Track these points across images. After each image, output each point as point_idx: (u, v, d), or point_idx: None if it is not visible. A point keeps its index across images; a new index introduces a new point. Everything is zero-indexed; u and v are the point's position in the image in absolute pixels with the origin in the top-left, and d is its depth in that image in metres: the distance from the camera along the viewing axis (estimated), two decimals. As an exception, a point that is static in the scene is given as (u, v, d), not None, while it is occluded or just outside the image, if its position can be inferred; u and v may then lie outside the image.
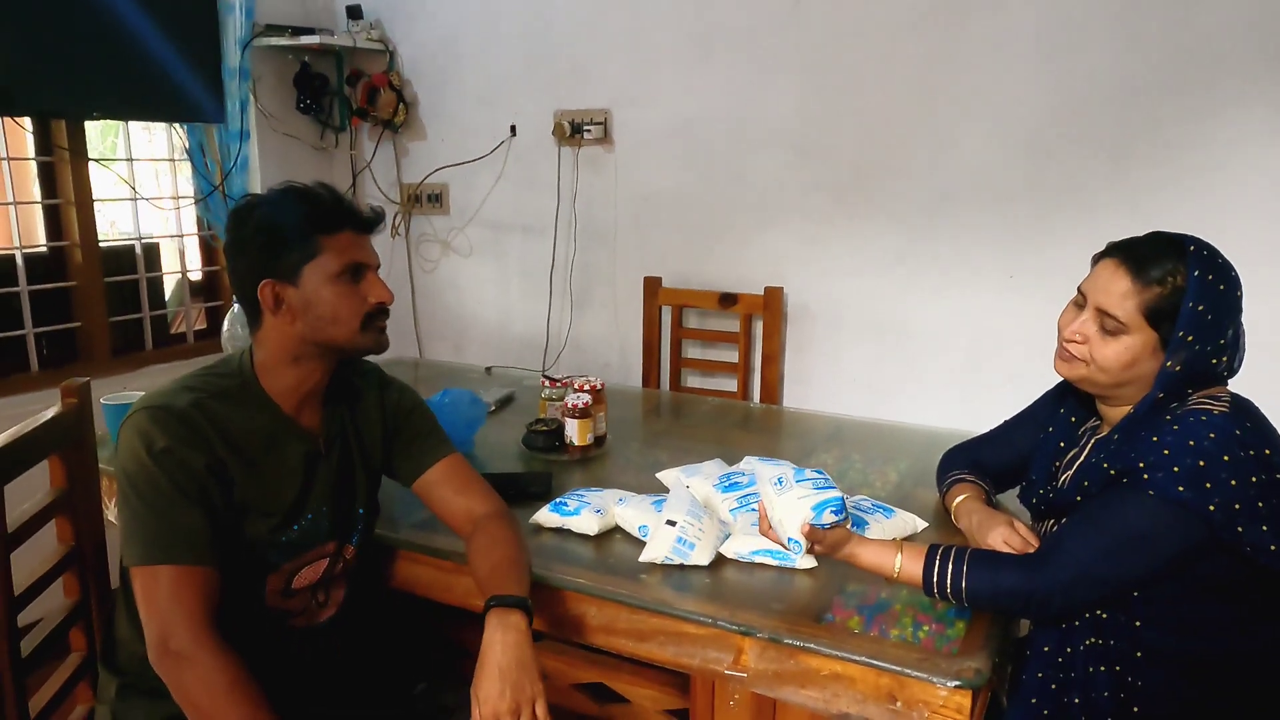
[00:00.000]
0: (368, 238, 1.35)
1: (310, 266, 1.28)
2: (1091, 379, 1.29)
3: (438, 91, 3.24)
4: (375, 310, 1.33)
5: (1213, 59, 2.16)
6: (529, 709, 1.17)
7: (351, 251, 1.30)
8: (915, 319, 2.63)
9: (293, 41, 3.05)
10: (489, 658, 1.18)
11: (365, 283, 1.33)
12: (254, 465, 1.28)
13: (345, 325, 1.31)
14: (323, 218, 1.29)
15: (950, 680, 1.14)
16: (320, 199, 1.31)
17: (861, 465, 1.89)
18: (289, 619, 1.37)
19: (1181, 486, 1.14)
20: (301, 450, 1.34)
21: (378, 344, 1.36)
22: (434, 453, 1.49)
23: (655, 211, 2.95)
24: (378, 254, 1.37)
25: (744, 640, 1.26)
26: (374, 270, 1.35)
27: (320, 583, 1.40)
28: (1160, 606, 1.22)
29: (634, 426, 2.26)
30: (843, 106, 2.60)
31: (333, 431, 1.40)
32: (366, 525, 1.47)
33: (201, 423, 1.24)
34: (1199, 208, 2.22)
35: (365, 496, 1.45)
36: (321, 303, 1.29)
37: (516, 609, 1.24)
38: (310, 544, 1.36)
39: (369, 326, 1.33)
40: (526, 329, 3.27)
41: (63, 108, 2.60)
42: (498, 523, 1.42)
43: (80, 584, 1.45)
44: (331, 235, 1.29)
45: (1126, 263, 1.24)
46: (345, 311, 1.30)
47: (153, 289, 3.04)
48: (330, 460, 1.38)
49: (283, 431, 1.32)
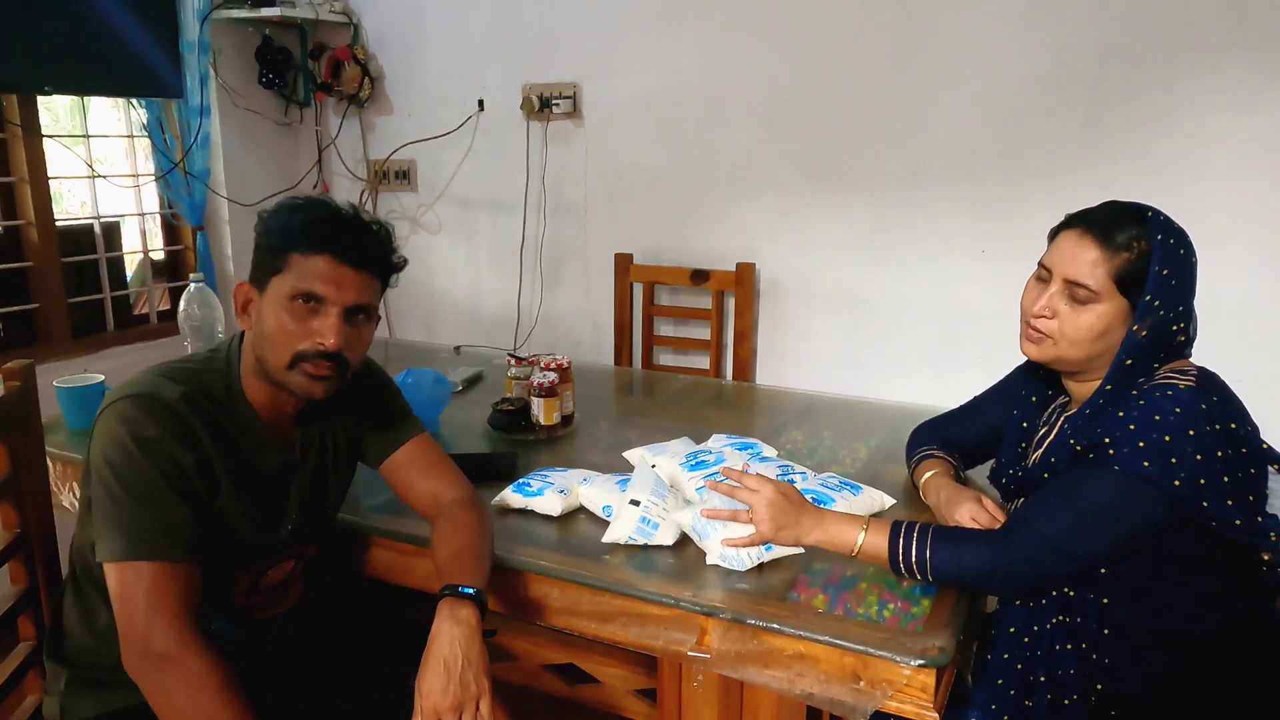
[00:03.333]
0: (355, 273, 1.22)
1: (274, 280, 1.21)
2: (1062, 357, 1.27)
3: (404, 65, 3.18)
4: (313, 351, 1.21)
5: (1184, 27, 2.14)
6: (472, 707, 1.12)
7: (312, 280, 1.19)
8: (888, 293, 2.61)
9: (253, 14, 2.97)
10: (434, 651, 1.14)
11: (318, 318, 1.21)
12: (237, 470, 1.23)
13: (276, 354, 1.21)
14: (301, 232, 1.20)
15: (914, 659, 1.12)
16: (311, 213, 1.22)
17: (831, 442, 1.87)
18: (251, 612, 1.34)
19: (1146, 462, 1.13)
20: (279, 460, 1.30)
21: (305, 390, 1.23)
22: (401, 435, 1.44)
23: (626, 187, 2.91)
24: (366, 295, 1.24)
25: (707, 621, 1.24)
26: (337, 308, 1.21)
27: (285, 581, 1.38)
28: (1128, 583, 1.21)
29: (604, 405, 2.23)
30: (814, 77, 2.57)
31: (310, 437, 1.35)
32: (332, 524, 1.45)
33: (191, 418, 1.18)
34: (1171, 177, 2.21)
35: (337, 497, 1.42)
36: (267, 321, 1.21)
37: (469, 602, 1.19)
38: (283, 551, 1.34)
39: (297, 366, 1.21)
40: (497, 307, 3.23)
41: (14, 81, 2.52)
42: (464, 509, 1.37)
43: (28, 571, 1.41)
44: (305, 255, 1.19)
45: (1091, 231, 1.23)
46: (280, 339, 1.20)
47: (114, 269, 2.97)
48: (306, 468, 1.34)
49: (263, 439, 1.27)
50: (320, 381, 1.23)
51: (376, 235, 1.27)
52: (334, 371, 1.23)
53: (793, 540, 1.30)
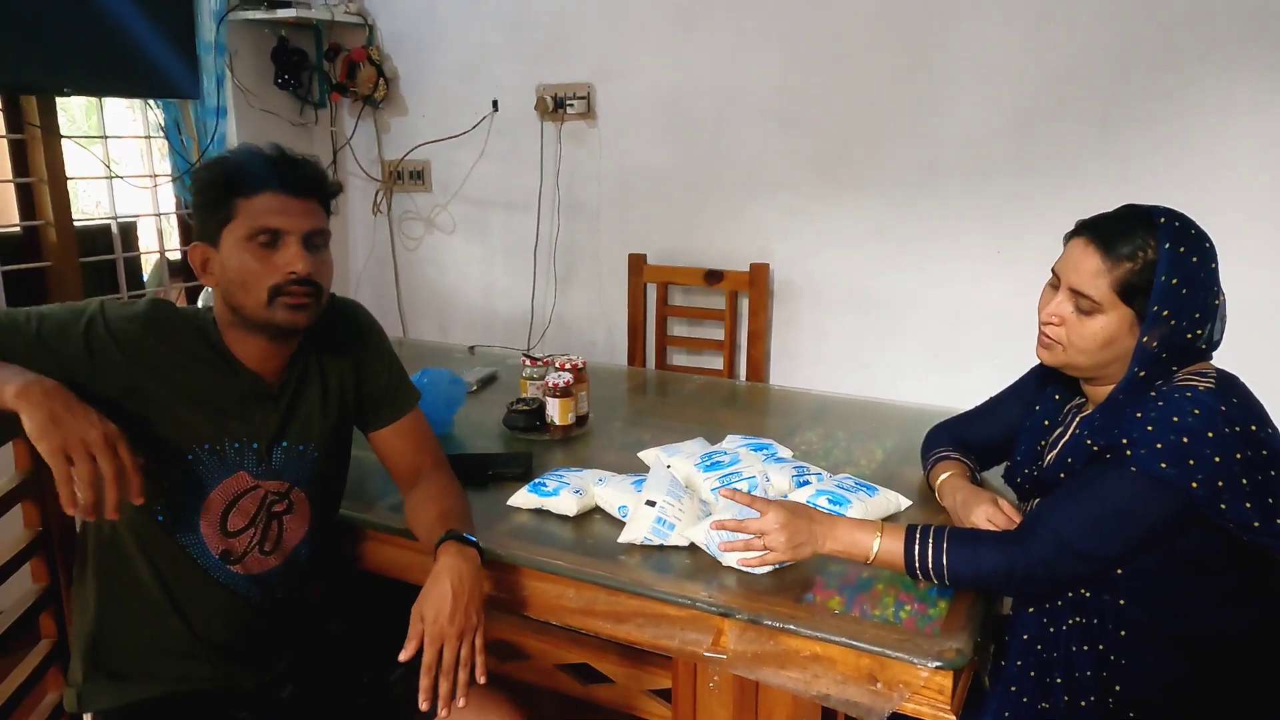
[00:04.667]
0: (299, 202, 1.25)
1: (227, 230, 1.24)
2: (1072, 363, 1.27)
3: (418, 66, 3.19)
4: (285, 281, 1.24)
5: (1200, 27, 2.13)
6: (470, 636, 1.20)
7: (265, 216, 1.23)
8: (902, 293, 2.60)
9: (269, 15, 2.98)
10: (442, 580, 1.21)
11: (280, 251, 1.24)
12: (178, 373, 1.25)
13: (253, 296, 1.24)
14: (239, 178, 1.23)
15: (931, 661, 1.12)
16: (241, 158, 1.25)
17: (846, 442, 1.87)
18: (230, 559, 1.31)
19: (1164, 463, 1.12)
20: (239, 387, 1.30)
21: (290, 321, 1.25)
22: (400, 408, 1.49)
23: (639, 187, 2.91)
24: (317, 220, 1.28)
25: (723, 621, 1.24)
26: (295, 237, 1.24)
27: (256, 522, 1.33)
28: (1144, 584, 1.21)
29: (617, 405, 2.23)
30: (828, 77, 2.56)
31: (291, 375, 1.35)
32: (324, 470, 1.40)
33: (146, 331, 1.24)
34: (1187, 177, 2.20)
35: (323, 439, 1.39)
36: (231, 269, 1.24)
37: (472, 547, 1.28)
38: (230, 471, 1.29)
39: (276, 300, 1.24)
40: (511, 307, 3.23)
41: (33, 83, 2.54)
42: (447, 476, 1.47)
43: (49, 569, 1.42)
44: (248, 198, 1.23)
45: (1095, 240, 1.21)
46: (252, 281, 1.23)
47: (131, 269, 2.99)
48: (279, 401, 1.33)
49: (223, 366, 1.29)
50: (302, 310, 1.26)
51: (308, 163, 1.30)
52: (311, 299, 1.26)
53: (810, 554, 1.27)
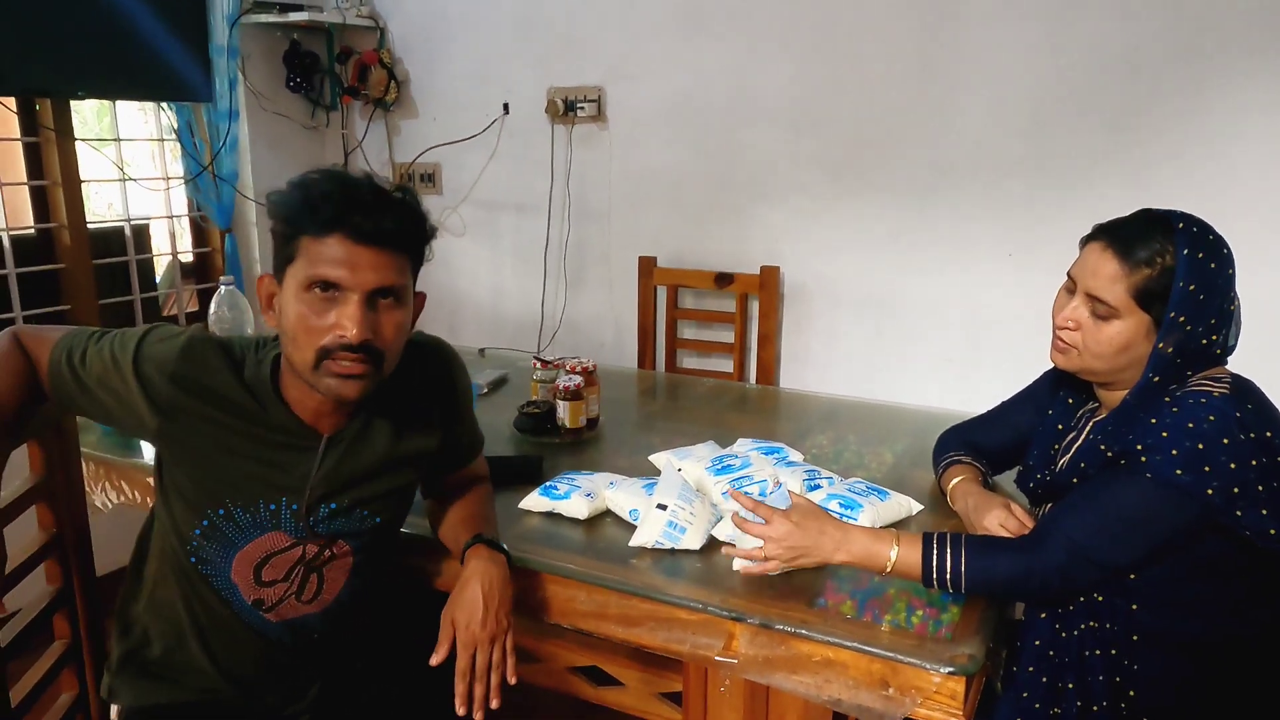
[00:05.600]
0: (371, 252, 1.07)
1: (290, 270, 1.10)
2: (1087, 368, 1.26)
3: (429, 69, 3.20)
4: (335, 345, 1.08)
5: (1214, 29, 2.12)
6: (501, 640, 1.20)
7: (327, 265, 1.07)
8: (913, 297, 2.60)
9: (282, 18, 3.00)
10: (472, 585, 1.20)
11: (338, 308, 1.08)
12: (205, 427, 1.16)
13: (300, 354, 1.10)
14: (308, 214, 1.08)
15: (943, 666, 1.12)
16: (318, 189, 1.08)
17: (857, 446, 1.87)
18: (263, 607, 1.26)
19: (1180, 469, 1.12)
20: (280, 440, 1.19)
21: (336, 393, 1.11)
22: (462, 460, 1.43)
23: (650, 189, 2.92)
24: (387, 275, 1.09)
25: (735, 626, 1.24)
26: (357, 295, 1.08)
27: (292, 576, 1.25)
28: (1157, 589, 1.20)
29: (628, 408, 2.23)
30: (839, 80, 2.56)
31: (350, 428, 1.23)
32: (376, 529, 1.29)
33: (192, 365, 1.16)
34: (1201, 179, 2.18)
35: (381, 500, 1.27)
36: (286, 317, 1.11)
37: (500, 553, 1.27)
38: (263, 530, 1.21)
39: (322, 366, 1.09)
40: (521, 309, 3.24)
41: (48, 87, 2.56)
42: (480, 481, 1.45)
43: (63, 571, 1.43)
44: (316, 238, 1.07)
45: (1113, 245, 1.21)
46: (300, 336, 1.09)
47: (143, 271, 3.01)
48: (329, 455, 1.22)
49: (261, 418, 1.18)
50: (351, 381, 1.10)
51: (395, 204, 1.12)
52: (366, 367, 1.11)
53: (816, 564, 1.26)
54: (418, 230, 1.15)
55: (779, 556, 1.24)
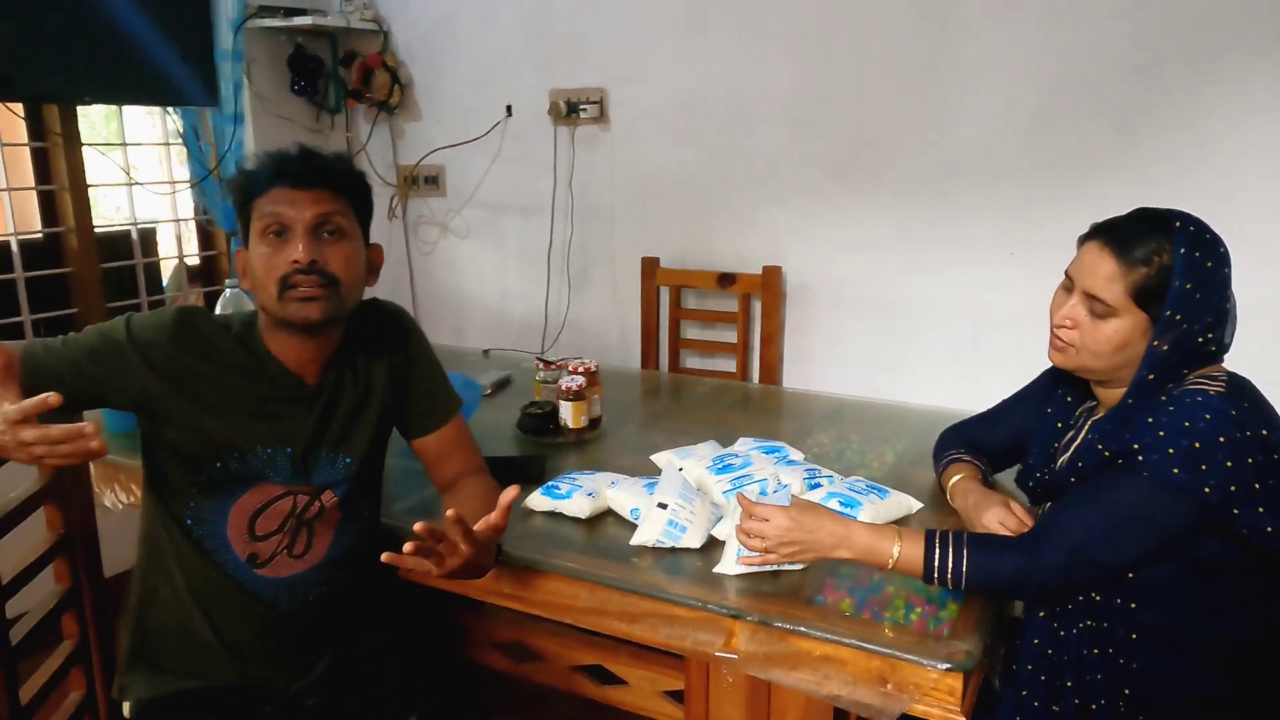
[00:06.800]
0: (306, 193, 1.25)
1: (251, 231, 1.27)
2: (1085, 366, 1.27)
3: (433, 72, 3.22)
4: (290, 272, 1.23)
5: (1216, 29, 2.12)
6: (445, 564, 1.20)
7: (273, 212, 1.24)
8: (915, 296, 2.60)
9: (286, 23, 3.02)
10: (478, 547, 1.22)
11: (289, 243, 1.24)
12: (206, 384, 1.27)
13: (265, 291, 1.25)
14: (253, 179, 1.26)
15: (941, 663, 1.13)
16: (260, 160, 1.27)
17: (859, 445, 1.88)
18: (257, 562, 1.33)
19: (1177, 468, 1.12)
20: (273, 390, 1.31)
21: (301, 314, 1.25)
22: (442, 416, 1.50)
23: (652, 191, 2.93)
24: (324, 207, 1.25)
25: (734, 623, 1.25)
26: (301, 227, 1.24)
27: (285, 528, 1.34)
28: (1155, 588, 1.21)
29: (631, 408, 2.25)
30: (840, 81, 2.57)
31: (328, 379, 1.36)
32: (358, 476, 1.40)
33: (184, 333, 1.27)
34: (1203, 180, 2.19)
35: (359, 445, 1.39)
36: (253, 268, 1.27)
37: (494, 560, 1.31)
38: (259, 478, 1.31)
39: (286, 293, 1.24)
40: (525, 310, 3.25)
41: (55, 92, 2.58)
42: (482, 478, 1.49)
43: (71, 572, 1.44)
44: (261, 195, 1.25)
45: (1110, 244, 1.21)
46: (264, 275, 1.25)
47: (150, 274, 3.03)
48: (314, 405, 1.34)
49: (258, 369, 1.30)
50: (312, 302, 1.24)
51: (323, 155, 1.30)
52: (323, 289, 1.25)
53: (815, 559, 1.27)
54: (349, 174, 1.32)
55: (779, 552, 1.25)
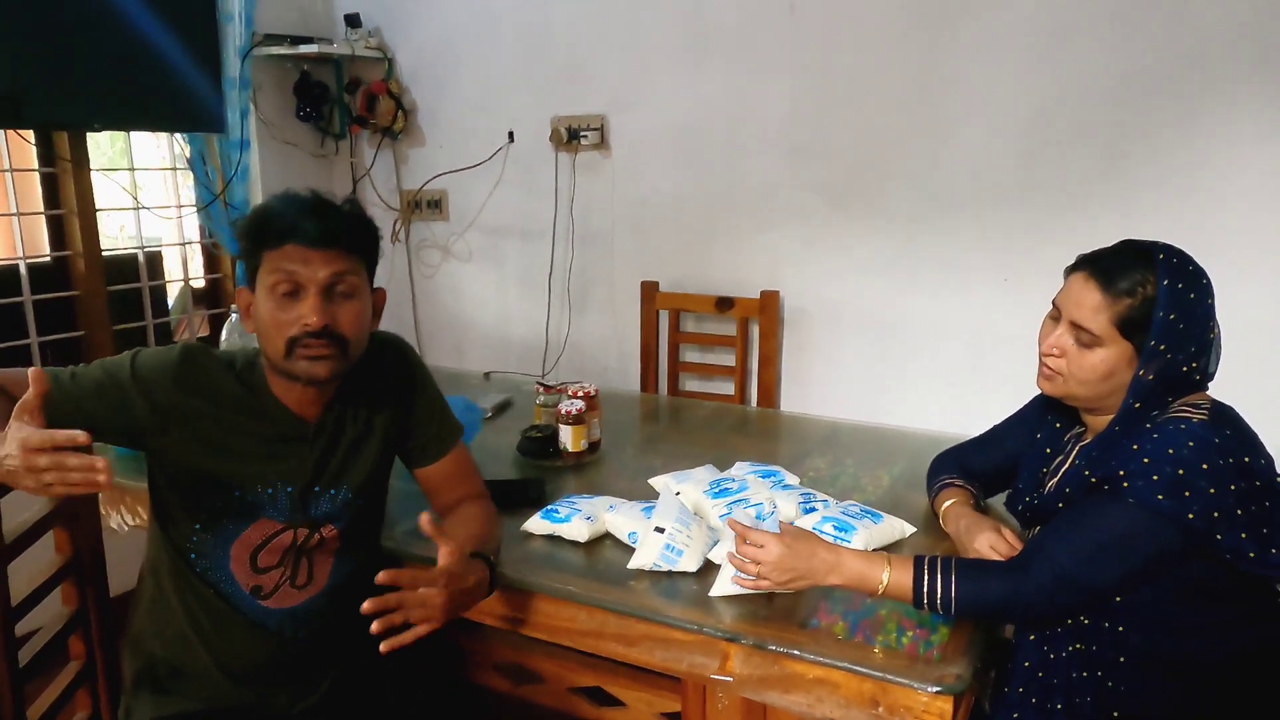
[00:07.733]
0: (320, 252, 1.25)
1: (259, 278, 1.27)
2: (1072, 394, 1.30)
3: (436, 98, 3.26)
4: (301, 334, 1.25)
5: (1205, 59, 2.16)
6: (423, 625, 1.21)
7: (285, 268, 1.25)
8: (911, 321, 2.63)
9: (292, 50, 3.07)
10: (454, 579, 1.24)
11: (300, 302, 1.25)
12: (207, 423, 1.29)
13: (273, 346, 1.27)
14: (265, 229, 1.26)
15: (932, 686, 1.15)
16: (272, 209, 1.27)
17: (854, 469, 1.90)
18: (261, 594, 1.36)
19: (1161, 495, 1.15)
20: (273, 430, 1.33)
21: (308, 373, 1.27)
22: (445, 446, 1.52)
23: (652, 216, 2.97)
24: (337, 267, 1.26)
25: (730, 646, 1.28)
26: (314, 288, 1.25)
27: (285, 561, 1.37)
28: (1143, 611, 1.23)
29: (630, 431, 2.27)
30: (838, 108, 2.61)
31: (330, 417, 1.37)
32: (359, 508, 1.42)
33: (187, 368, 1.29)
34: (1191, 207, 2.22)
35: (359, 480, 1.41)
36: (259, 317, 1.28)
37: (490, 567, 1.34)
38: (259, 514, 1.33)
39: (293, 353, 1.26)
40: (526, 333, 3.29)
41: (65, 119, 2.62)
42: (482, 503, 1.52)
43: (79, 593, 1.47)
44: (274, 249, 1.25)
45: (1095, 275, 1.25)
46: (271, 331, 1.26)
47: (156, 297, 3.07)
48: (316, 444, 1.36)
49: (259, 409, 1.32)
50: (320, 361, 1.26)
51: (339, 212, 1.30)
52: (331, 349, 1.27)
53: (808, 586, 1.28)
54: (362, 231, 1.32)
55: (773, 579, 1.27)
